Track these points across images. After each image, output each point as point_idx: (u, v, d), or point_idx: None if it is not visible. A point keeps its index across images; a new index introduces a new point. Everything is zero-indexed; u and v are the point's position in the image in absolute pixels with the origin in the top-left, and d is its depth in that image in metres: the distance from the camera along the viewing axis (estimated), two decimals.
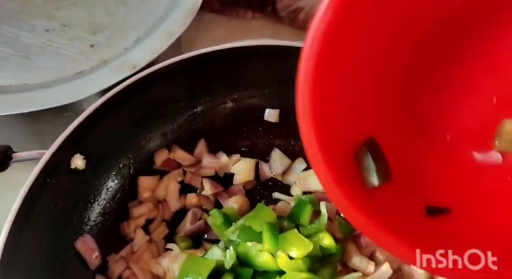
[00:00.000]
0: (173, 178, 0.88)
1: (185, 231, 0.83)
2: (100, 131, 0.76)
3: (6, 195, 0.92)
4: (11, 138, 0.77)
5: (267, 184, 0.92)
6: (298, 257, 0.71)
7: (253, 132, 0.93)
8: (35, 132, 0.99)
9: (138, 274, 0.75)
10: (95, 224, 0.77)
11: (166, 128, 0.87)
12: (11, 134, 0.87)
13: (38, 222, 0.66)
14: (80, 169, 0.73)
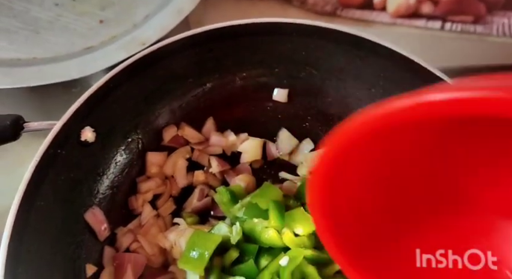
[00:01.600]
0: (181, 155, 0.88)
1: (192, 208, 0.84)
2: (109, 105, 0.76)
3: (16, 169, 0.94)
4: (21, 112, 0.77)
5: (274, 164, 0.92)
6: (304, 234, 0.72)
7: (262, 112, 0.93)
8: (44, 107, 0.99)
9: (146, 247, 0.76)
10: (104, 197, 0.78)
11: (174, 104, 0.87)
12: (20, 108, 0.88)
13: (49, 192, 0.67)
14: (90, 141, 0.74)
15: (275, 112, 0.93)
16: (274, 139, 0.92)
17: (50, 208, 0.67)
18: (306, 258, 0.71)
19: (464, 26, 1.22)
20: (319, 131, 0.92)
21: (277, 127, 0.93)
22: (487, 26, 1.21)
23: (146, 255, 0.76)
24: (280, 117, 0.93)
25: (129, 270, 0.73)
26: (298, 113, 0.93)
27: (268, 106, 0.93)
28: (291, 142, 0.92)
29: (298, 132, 0.92)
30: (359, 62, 0.84)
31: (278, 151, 0.92)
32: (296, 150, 0.92)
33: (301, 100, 0.92)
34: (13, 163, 0.99)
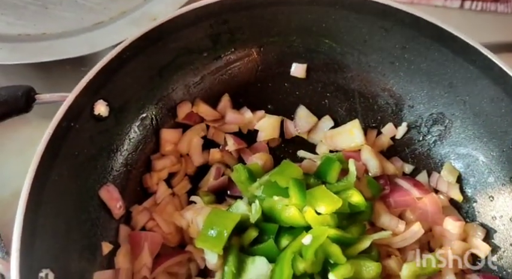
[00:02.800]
0: (196, 133, 0.85)
1: (208, 186, 0.82)
2: (122, 78, 0.73)
3: (28, 151, 0.92)
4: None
5: (291, 142, 0.89)
6: (326, 213, 0.69)
7: (279, 88, 0.89)
8: (54, 84, 0.96)
9: (162, 225, 0.74)
10: (118, 174, 0.75)
11: (189, 80, 0.83)
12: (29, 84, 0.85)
13: (64, 166, 0.64)
14: (104, 116, 0.71)
15: (293, 88, 0.89)
16: (292, 117, 0.89)
17: (65, 183, 0.65)
18: (329, 238, 0.68)
19: (485, 4, 1.17)
20: (339, 108, 0.88)
21: (296, 104, 0.89)
22: (509, 5, 1.16)
23: (162, 234, 0.74)
24: (298, 94, 0.89)
25: (146, 248, 0.70)
26: (317, 90, 0.89)
27: (285, 83, 0.89)
28: (309, 119, 0.88)
29: (317, 109, 0.89)
30: (384, 34, 0.80)
31: (296, 129, 0.88)
32: (315, 128, 0.88)
33: (320, 76, 0.88)
34: (24, 144, 0.98)
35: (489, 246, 0.70)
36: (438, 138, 0.80)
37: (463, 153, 0.77)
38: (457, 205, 0.77)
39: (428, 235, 0.74)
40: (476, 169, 0.75)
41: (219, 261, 0.70)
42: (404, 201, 0.75)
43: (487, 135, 0.73)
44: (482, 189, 0.74)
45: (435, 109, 0.80)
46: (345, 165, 0.79)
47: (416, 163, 0.82)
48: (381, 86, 0.85)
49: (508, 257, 0.69)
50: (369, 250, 0.70)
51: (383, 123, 0.85)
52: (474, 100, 0.73)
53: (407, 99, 0.83)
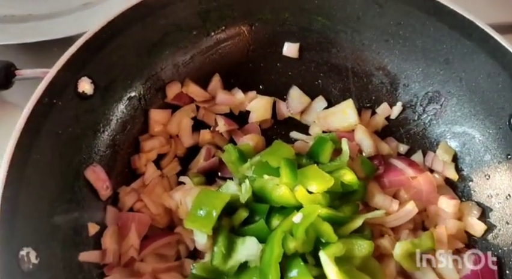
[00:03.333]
0: (186, 114, 0.83)
1: (198, 168, 0.80)
2: (108, 56, 0.71)
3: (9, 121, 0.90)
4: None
5: (284, 124, 0.87)
6: (318, 192, 0.67)
7: (271, 68, 0.86)
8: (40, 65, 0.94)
9: (150, 206, 0.72)
10: (105, 155, 0.74)
11: (178, 59, 0.81)
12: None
13: (46, 144, 0.62)
14: (89, 94, 0.69)
15: (285, 68, 0.87)
16: (284, 98, 0.87)
17: (48, 162, 0.63)
18: (320, 217, 0.66)
19: None
20: (332, 88, 0.86)
21: (288, 85, 0.87)
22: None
23: (150, 215, 0.72)
24: (290, 74, 0.87)
25: (133, 229, 0.69)
26: (310, 70, 0.86)
27: (278, 63, 0.86)
28: (302, 100, 0.86)
29: (310, 90, 0.86)
30: (378, 10, 0.77)
31: (289, 110, 0.86)
32: (308, 109, 0.86)
33: (314, 55, 0.86)
34: (5, 113, 0.95)
35: (485, 224, 0.68)
36: (433, 117, 0.78)
37: (459, 132, 0.75)
38: (453, 184, 0.75)
39: (423, 215, 0.73)
40: (472, 148, 0.73)
41: (208, 242, 0.68)
42: (398, 180, 0.73)
43: (483, 112, 0.71)
44: (478, 168, 0.72)
45: (430, 87, 0.78)
46: (338, 145, 0.77)
47: (411, 143, 0.80)
48: (375, 65, 0.82)
49: (503, 235, 0.67)
50: (362, 229, 0.68)
51: (377, 103, 0.83)
52: (470, 76, 0.71)
53: (402, 78, 0.81)
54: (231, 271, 0.66)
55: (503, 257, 0.65)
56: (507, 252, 0.66)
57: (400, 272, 0.67)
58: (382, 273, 0.65)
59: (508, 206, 0.67)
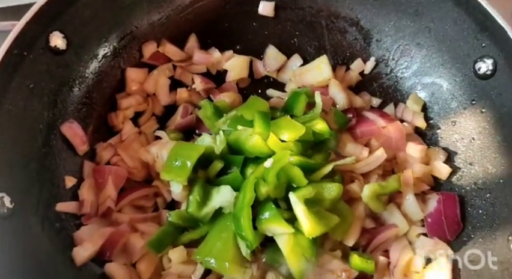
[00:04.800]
0: (163, 73, 0.84)
1: (175, 125, 0.81)
2: (80, 11, 0.71)
3: None
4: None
5: (261, 82, 0.88)
6: (290, 140, 0.69)
7: (247, 28, 0.87)
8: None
9: (127, 160, 0.74)
10: (81, 111, 0.75)
11: (153, 17, 0.81)
12: None
13: (18, 96, 0.63)
14: (61, 48, 0.69)
15: (261, 28, 0.87)
16: (261, 57, 0.87)
17: (21, 114, 0.64)
18: (292, 164, 0.68)
19: None
20: (308, 46, 0.87)
21: (264, 44, 0.87)
22: None
23: (127, 169, 0.73)
24: (267, 33, 0.88)
25: (110, 181, 0.70)
26: (286, 29, 0.87)
27: (254, 22, 0.87)
28: (278, 58, 0.87)
29: (286, 48, 0.87)
30: None
31: (265, 69, 0.87)
32: (284, 67, 0.87)
33: (289, 14, 0.87)
34: None
35: (450, 168, 0.71)
36: (405, 70, 0.80)
37: (428, 82, 0.77)
38: (422, 133, 0.77)
39: (392, 162, 0.75)
40: (440, 97, 0.75)
41: (184, 192, 0.70)
42: (370, 130, 0.76)
43: (450, 61, 0.73)
44: (445, 115, 0.74)
45: (402, 40, 0.79)
46: (312, 99, 0.79)
47: (384, 96, 0.82)
48: (349, 22, 0.83)
49: (466, 176, 0.70)
50: (333, 175, 0.70)
51: (351, 59, 0.85)
52: (438, 25, 0.73)
53: (375, 33, 0.82)
54: (205, 218, 0.68)
55: (466, 196, 0.69)
56: (469, 191, 0.68)
57: (369, 214, 0.70)
58: (351, 214, 0.68)
59: (471, 148, 0.70)
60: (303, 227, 0.62)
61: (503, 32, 0.62)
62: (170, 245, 0.68)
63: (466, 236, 0.66)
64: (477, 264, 0.61)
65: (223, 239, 0.66)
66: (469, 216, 0.67)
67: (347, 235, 0.67)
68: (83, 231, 0.66)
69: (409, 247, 0.67)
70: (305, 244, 0.64)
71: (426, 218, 0.69)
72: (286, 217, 0.64)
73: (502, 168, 0.64)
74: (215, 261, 0.64)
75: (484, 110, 0.69)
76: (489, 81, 0.66)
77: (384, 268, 0.66)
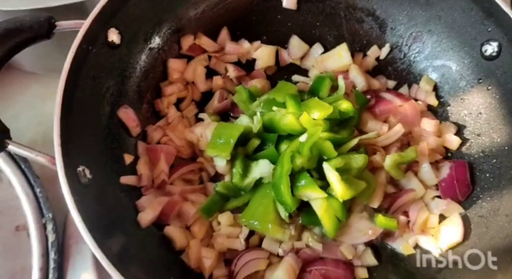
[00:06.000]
0: (200, 63, 0.93)
1: (213, 109, 0.91)
2: (131, 10, 0.80)
3: (38, 106, 0.99)
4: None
5: (286, 69, 0.97)
6: (320, 118, 0.79)
7: (273, 20, 0.96)
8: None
9: (174, 139, 0.84)
10: (133, 98, 0.84)
11: (190, 13, 0.91)
12: None
13: (85, 85, 0.73)
14: (116, 43, 0.79)
15: (285, 20, 0.97)
16: (285, 46, 0.97)
17: (88, 100, 0.74)
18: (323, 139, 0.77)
19: None
20: (328, 36, 0.96)
21: (288, 35, 0.97)
22: None
23: (175, 147, 0.83)
24: (290, 25, 0.97)
25: (162, 158, 0.80)
26: (307, 20, 0.96)
27: (278, 15, 0.96)
28: (301, 47, 0.97)
29: (308, 38, 0.97)
30: None
31: (290, 57, 0.96)
32: (307, 55, 0.97)
33: (310, 7, 0.96)
34: (35, 99, 1.04)
35: (460, 139, 0.81)
36: (417, 55, 0.89)
37: (439, 65, 0.86)
38: (434, 110, 0.87)
39: (409, 137, 0.85)
40: (449, 77, 0.85)
41: (227, 166, 0.80)
42: (388, 108, 0.85)
43: (459, 45, 0.82)
44: (454, 93, 0.84)
45: (414, 28, 0.88)
46: (334, 82, 0.88)
47: (398, 78, 0.92)
48: (365, 12, 0.92)
49: (474, 145, 0.80)
50: (358, 148, 0.80)
51: (368, 46, 0.94)
52: (448, 13, 0.82)
53: (389, 22, 0.91)
54: (247, 187, 0.78)
55: (474, 163, 0.78)
56: (477, 158, 0.78)
57: (390, 181, 0.80)
58: (375, 181, 0.77)
59: (479, 122, 0.80)
60: (336, 191, 0.72)
61: (508, 17, 0.71)
62: (218, 211, 0.78)
63: (475, 196, 0.76)
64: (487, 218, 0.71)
65: (264, 205, 0.76)
66: (478, 179, 0.76)
67: (372, 198, 0.76)
68: (144, 200, 0.76)
69: (425, 208, 0.77)
70: (337, 207, 0.74)
71: (440, 183, 0.78)
72: (319, 185, 0.74)
73: (506, 137, 0.74)
74: (258, 223, 0.74)
75: (489, 88, 0.78)
76: (494, 62, 0.76)
77: (405, 226, 0.76)
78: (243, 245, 0.75)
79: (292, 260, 0.73)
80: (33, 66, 1.07)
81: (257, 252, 0.74)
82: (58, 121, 0.65)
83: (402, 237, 0.76)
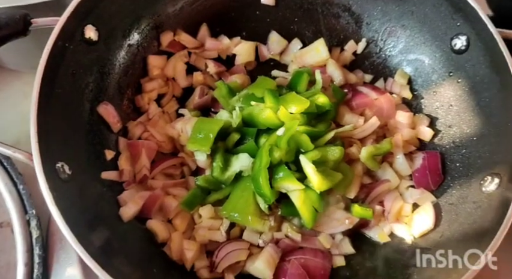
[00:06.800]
0: (180, 59, 0.94)
1: (194, 104, 0.92)
2: (108, 6, 0.80)
3: (20, 103, 0.98)
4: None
5: (266, 65, 0.99)
6: (297, 112, 0.81)
7: (252, 16, 0.97)
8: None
9: (155, 135, 0.85)
10: (113, 94, 0.85)
11: (169, 10, 0.91)
12: None
13: (64, 81, 0.73)
14: (94, 40, 0.79)
15: (264, 16, 0.98)
16: (265, 42, 0.98)
17: (67, 97, 0.74)
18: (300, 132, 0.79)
19: None
20: (306, 31, 0.98)
21: (267, 31, 0.98)
22: None
23: (156, 142, 0.84)
24: (269, 21, 0.98)
25: (143, 153, 0.81)
26: (286, 16, 0.98)
27: (257, 11, 0.97)
28: (280, 43, 0.98)
29: (287, 34, 0.98)
30: None
31: (269, 52, 0.98)
32: (286, 50, 0.98)
33: (288, 2, 0.97)
34: (17, 97, 1.03)
35: (432, 131, 0.84)
36: (392, 49, 0.92)
37: (412, 59, 0.89)
38: (408, 103, 0.89)
39: (384, 129, 0.87)
40: (423, 71, 0.87)
41: (208, 160, 0.82)
42: (364, 102, 0.87)
43: (431, 39, 0.85)
44: (427, 86, 0.87)
45: (388, 23, 0.91)
46: (312, 77, 0.90)
47: (375, 72, 0.94)
48: (341, 7, 0.94)
49: (446, 136, 0.83)
50: (334, 141, 0.82)
51: (345, 41, 0.96)
52: (419, 8, 0.84)
53: (365, 17, 0.93)
54: (228, 180, 0.80)
55: (446, 153, 0.81)
56: (449, 149, 0.81)
57: (366, 172, 0.83)
58: (352, 172, 0.80)
59: (450, 113, 0.83)
60: (312, 183, 0.74)
61: (475, 12, 0.74)
62: (199, 204, 0.80)
63: (446, 185, 0.79)
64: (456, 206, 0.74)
65: (244, 197, 0.78)
66: (449, 169, 0.80)
67: (349, 189, 0.79)
68: (125, 194, 0.77)
69: (400, 197, 0.80)
70: (314, 198, 0.76)
71: (413, 173, 0.81)
72: (297, 177, 0.76)
73: (475, 127, 0.77)
74: (239, 215, 0.76)
75: (459, 81, 0.81)
76: (463, 55, 0.78)
77: (380, 215, 0.79)
78: (224, 237, 0.77)
79: (272, 250, 0.75)
80: (16, 64, 1.06)
81: (238, 243, 0.76)
82: (35, 118, 0.65)
83: (378, 225, 0.79)
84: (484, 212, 0.66)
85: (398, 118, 0.85)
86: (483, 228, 0.62)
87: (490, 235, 0.59)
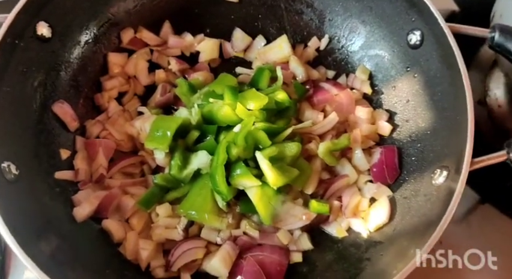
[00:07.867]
0: (141, 57, 0.93)
1: (156, 102, 0.91)
2: (61, 2, 0.79)
3: None
4: None
5: (230, 62, 0.98)
6: (255, 109, 0.80)
7: (215, 13, 0.97)
8: None
9: (114, 133, 0.83)
10: (69, 93, 0.83)
11: (128, 6, 0.90)
12: None
13: (14, 79, 0.72)
14: (47, 37, 0.78)
15: (228, 12, 0.97)
16: (229, 39, 0.98)
17: (17, 95, 0.73)
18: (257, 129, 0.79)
19: None
20: (270, 28, 0.98)
21: (231, 27, 0.98)
22: None
23: (115, 141, 0.83)
24: (233, 17, 0.98)
25: (101, 152, 0.80)
26: (249, 13, 0.97)
27: (220, 7, 0.97)
28: (244, 40, 0.98)
29: (251, 30, 0.98)
30: None
31: (233, 49, 0.97)
32: (250, 47, 0.98)
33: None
34: None
35: (391, 125, 0.84)
36: (353, 45, 0.92)
37: (373, 54, 0.89)
38: (368, 98, 0.90)
39: (345, 124, 0.87)
40: (382, 66, 0.88)
41: (166, 158, 0.81)
42: (325, 98, 0.87)
43: (389, 35, 0.85)
44: (387, 82, 0.87)
45: (350, 19, 0.91)
46: (274, 73, 0.90)
47: (337, 68, 0.94)
48: (304, 4, 0.94)
49: (403, 131, 0.83)
50: (293, 137, 0.82)
51: (308, 38, 0.96)
52: (377, 4, 0.85)
53: (327, 13, 0.93)
54: (186, 178, 0.79)
55: (403, 147, 0.82)
56: (406, 143, 0.82)
57: (324, 167, 0.83)
58: (310, 168, 0.80)
59: (407, 108, 0.83)
60: (268, 179, 0.74)
61: (427, 7, 0.74)
62: (157, 203, 0.79)
63: (402, 179, 0.79)
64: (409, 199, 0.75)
65: (202, 195, 0.77)
66: (405, 163, 0.80)
67: (307, 185, 0.79)
68: (80, 194, 0.76)
69: (358, 192, 0.80)
70: (271, 194, 0.76)
71: (371, 168, 0.82)
72: (254, 174, 0.76)
73: (429, 122, 0.77)
74: (196, 213, 0.76)
75: (416, 76, 0.81)
76: (419, 50, 0.79)
77: (338, 210, 0.79)
78: (181, 235, 0.76)
79: (229, 247, 0.75)
80: None
81: (195, 242, 0.76)
82: None
83: (336, 221, 0.79)
84: (433, 205, 0.66)
85: (357, 113, 0.85)
86: (430, 220, 0.63)
87: (434, 227, 0.59)
